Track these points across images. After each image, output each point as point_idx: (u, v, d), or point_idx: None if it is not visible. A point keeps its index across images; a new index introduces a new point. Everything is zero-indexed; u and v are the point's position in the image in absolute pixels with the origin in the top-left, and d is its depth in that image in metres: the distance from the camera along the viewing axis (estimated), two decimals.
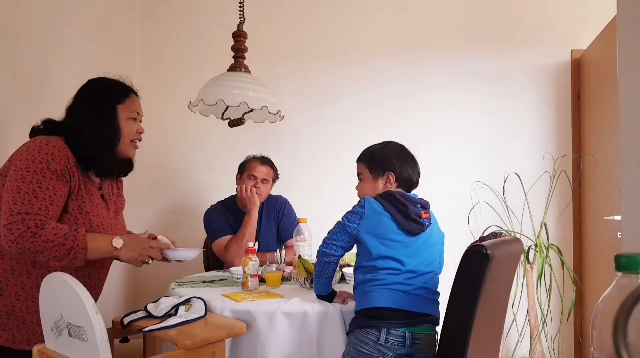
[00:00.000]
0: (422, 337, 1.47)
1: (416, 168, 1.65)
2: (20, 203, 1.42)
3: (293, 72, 3.24)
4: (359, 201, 1.56)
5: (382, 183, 1.61)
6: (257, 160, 2.54)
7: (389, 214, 1.50)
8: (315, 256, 1.61)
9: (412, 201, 1.55)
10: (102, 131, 1.59)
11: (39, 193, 1.44)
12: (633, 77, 1.29)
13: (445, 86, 3.19)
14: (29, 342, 1.51)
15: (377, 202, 1.53)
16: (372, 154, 1.66)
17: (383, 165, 1.62)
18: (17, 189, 1.43)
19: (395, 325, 1.44)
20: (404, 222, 1.50)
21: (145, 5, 3.31)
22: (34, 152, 1.48)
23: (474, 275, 1.32)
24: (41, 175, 1.45)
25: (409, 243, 1.51)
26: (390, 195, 1.55)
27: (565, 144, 3.11)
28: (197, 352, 1.40)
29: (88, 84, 1.67)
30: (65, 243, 1.44)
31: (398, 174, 1.60)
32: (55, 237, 1.43)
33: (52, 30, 2.28)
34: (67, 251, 1.45)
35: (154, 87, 3.10)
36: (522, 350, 2.95)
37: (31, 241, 1.40)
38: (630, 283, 0.56)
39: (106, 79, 1.69)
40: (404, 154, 1.65)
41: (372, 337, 1.44)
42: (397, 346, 1.44)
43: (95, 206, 1.62)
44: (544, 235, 2.92)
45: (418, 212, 1.54)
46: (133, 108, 1.67)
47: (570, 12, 3.13)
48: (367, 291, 1.50)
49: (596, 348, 0.57)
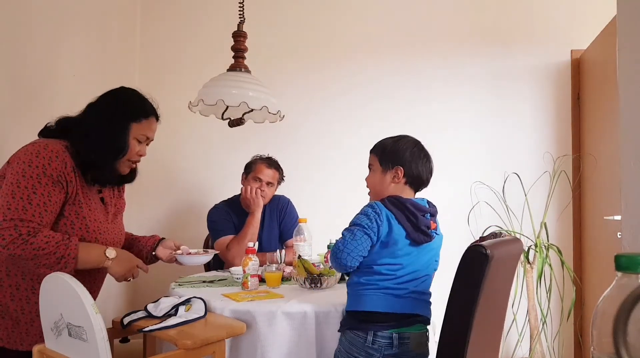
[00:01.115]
0: (412, 336, 1.47)
1: (428, 166, 1.58)
2: (15, 208, 1.41)
3: (293, 72, 3.23)
4: (373, 207, 1.49)
5: (390, 177, 1.56)
6: (264, 163, 2.53)
7: (400, 223, 1.47)
8: (331, 262, 1.52)
9: (422, 211, 1.52)
10: (108, 139, 1.58)
11: (34, 199, 1.43)
12: (633, 77, 1.29)
13: (445, 85, 3.19)
14: (22, 342, 1.51)
15: (389, 211, 1.48)
16: (384, 146, 1.61)
17: (393, 159, 1.56)
18: (12, 193, 1.42)
19: (383, 328, 1.44)
20: (412, 232, 1.48)
21: (145, 5, 3.31)
22: (31, 156, 1.47)
23: (473, 275, 1.32)
24: (37, 181, 1.44)
25: (412, 250, 1.50)
26: (402, 204, 1.50)
27: (565, 144, 3.11)
28: (197, 352, 1.40)
29: (117, 90, 1.67)
30: (57, 252, 1.43)
31: (407, 169, 1.55)
32: (47, 245, 1.42)
33: (52, 30, 2.28)
34: (57, 260, 1.44)
35: (154, 87, 3.07)
36: (522, 350, 2.95)
37: (22, 248, 1.39)
38: (630, 283, 0.56)
39: (135, 93, 1.68)
40: (417, 149, 1.58)
41: (361, 339, 1.45)
42: (385, 347, 1.44)
43: (93, 210, 1.61)
44: (544, 235, 2.92)
45: (427, 223, 1.51)
46: (144, 131, 1.65)
47: (570, 12, 3.13)
48: (360, 294, 1.49)
49: (596, 348, 0.57)
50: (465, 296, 1.33)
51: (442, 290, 1.54)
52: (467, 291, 1.33)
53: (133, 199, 1.98)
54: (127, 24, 3.20)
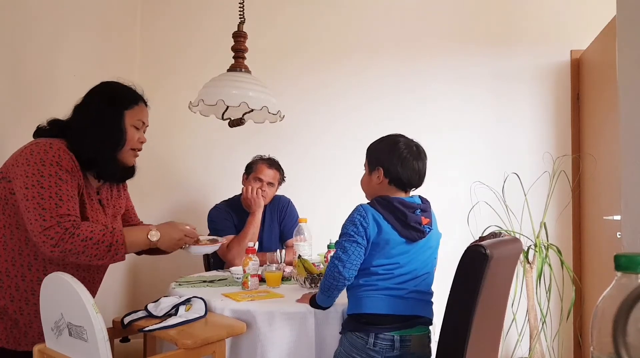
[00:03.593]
0: (413, 338, 1.46)
1: (409, 167, 1.53)
2: (49, 208, 1.41)
3: (293, 72, 3.24)
4: (358, 211, 1.50)
5: (375, 178, 1.57)
6: (265, 163, 2.53)
7: (388, 223, 1.48)
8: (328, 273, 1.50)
9: (411, 208, 1.51)
10: (106, 133, 1.58)
11: (62, 195, 1.44)
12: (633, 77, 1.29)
13: (445, 86, 3.19)
14: (19, 343, 1.51)
15: (376, 210, 1.49)
16: (370, 147, 1.63)
17: (374, 160, 1.58)
18: (40, 195, 1.42)
19: (385, 330, 1.44)
20: (403, 230, 1.48)
21: (146, 5, 3.31)
22: (40, 155, 1.46)
23: (472, 274, 1.32)
24: (57, 177, 1.45)
25: (408, 248, 1.50)
26: (389, 202, 1.50)
27: (564, 144, 3.11)
28: (197, 351, 1.40)
29: (100, 86, 1.67)
30: (104, 240, 1.45)
31: (386, 170, 1.54)
32: (92, 234, 1.43)
33: (52, 30, 2.28)
34: (107, 248, 1.45)
35: (154, 87, 3.09)
36: (522, 350, 2.95)
37: (71, 242, 1.40)
38: (630, 283, 0.56)
39: (118, 83, 1.68)
40: (396, 149, 1.54)
41: (362, 341, 1.45)
42: (386, 349, 1.44)
43: (95, 211, 1.62)
44: (544, 234, 2.92)
45: (418, 219, 1.50)
46: (139, 116, 1.66)
47: (570, 12, 3.13)
48: (359, 297, 1.49)
49: (596, 348, 0.57)
50: (464, 296, 1.34)
51: (442, 289, 1.54)
52: (466, 291, 1.34)
53: (133, 199, 1.97)
54: (127, 24, 3.20)
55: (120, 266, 2.94)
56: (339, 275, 1.45)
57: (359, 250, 1.46)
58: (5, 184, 1.48)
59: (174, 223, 1.69)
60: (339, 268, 1.45)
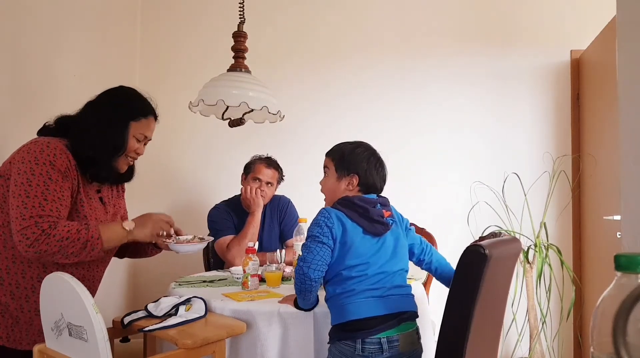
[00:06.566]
0: (401, 337, 1.46)
1: (382, 173, 1.60)
2: (31, 206, 1.42)
3: (293, 72, 3.24)
4: (322, 213, 1.51)
5: (345, 184, 1.58)
6: (263, 163, 2.54)
7: (352, 221, 1.49)
8: (295, 276, 1.50)
9: (371, 203, 1.53)
10: (107, 137, 1.59)
11: (48, 194, 1.45)
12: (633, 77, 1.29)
13: (445, 86, 3.19)
14: (21, 341, 1.51)
15: (339, 211, 1.50)
16: (342, 152, 1.63)
17: (350, 166, 1.58)
18: (26, 193, 1.43)
19: (371, 333, 1.43)
20: (368, 225, 1.49)
21: (146, 5, 3.31)
22: (36, 154, 1.48)
23: (472, 274, 1.32)
24: (47, 177, 1.46)
25: (377, 246, 1.50)
26: (349, 201, 1.52)
27: (564, 144, 3.11)
28: (197, 351, 1.40)
29: (115, 89, 1.68)
30: (80, 238, 1.45)
31: (363, 178, 1.57)
32: (69, 234, 1.44)
33: (52, 30, 2.28)
34: (82, 245, 1.46)
35: (154, 87, 3.08)
36: (522, 350, 2.95)
37: (46, 242, 1.41)
38: (630, 283, 0.56)
39: (134, 91, 1.69)
40: (374, 158, 1.60)
41: (350, 349, 1.44)
42: (375, 353, 1.43)
43: (94, 209, 1.62)
44: (544, 234, 2.92)
45: (380, 212, 1.52)
46: (143, 130, 1.66)
47: (570, 13, 3.13)
48: (340, 305, 1.48)
49: (596, 348, 0.57)
50: (464, 296, 1.34)
51: (441, 289, 1.54)
52: (466, 291, 1.33)
53: (133, 199, 1.97)
54: (127, 24, 3.20)
55: (120, 266, 2.94)
56: (304, 276, 1.46)
57: (325, 250, 1.46)
58: (4, 182, 1.50)
59: (149, 213, 1.70)
60: (304, 269, 1.46)
